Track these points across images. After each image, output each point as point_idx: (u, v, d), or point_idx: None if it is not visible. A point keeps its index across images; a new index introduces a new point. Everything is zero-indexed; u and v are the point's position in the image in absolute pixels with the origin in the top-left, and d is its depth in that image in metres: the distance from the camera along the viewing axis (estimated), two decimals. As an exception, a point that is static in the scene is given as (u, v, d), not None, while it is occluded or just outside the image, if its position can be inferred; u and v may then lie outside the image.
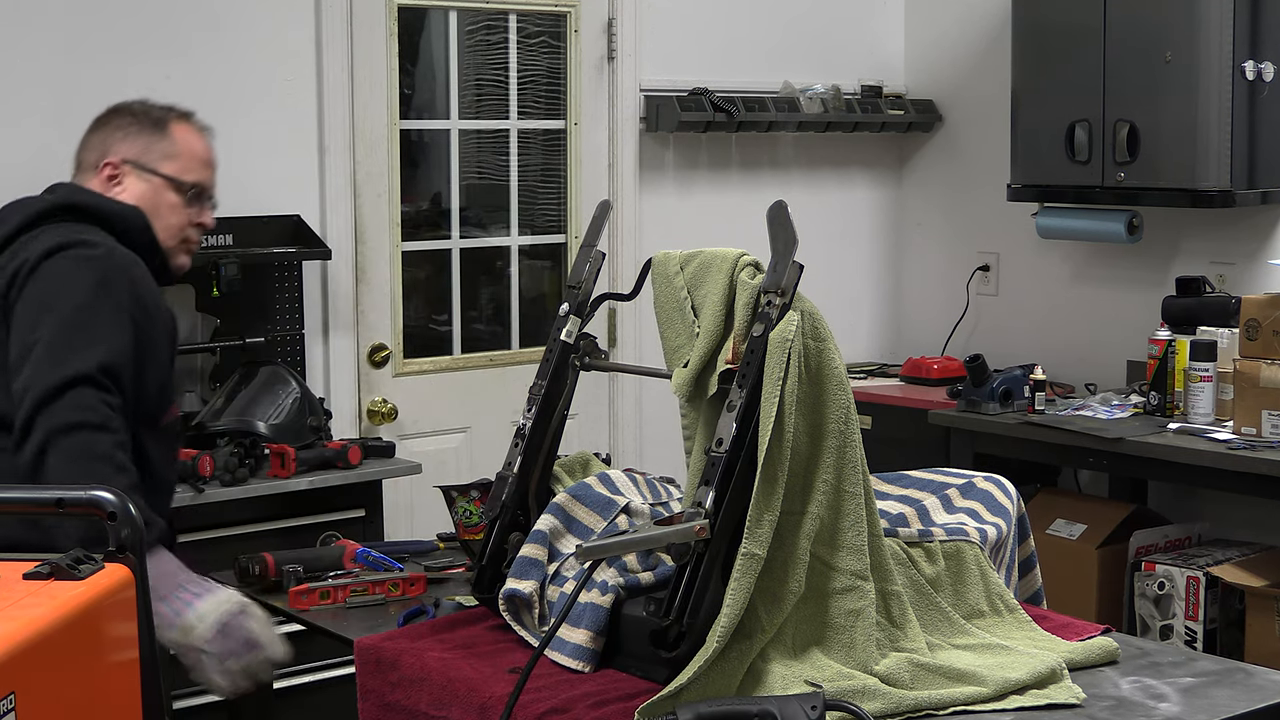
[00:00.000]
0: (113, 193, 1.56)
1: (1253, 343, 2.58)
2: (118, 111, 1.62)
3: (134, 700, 0.99)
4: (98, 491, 1.02)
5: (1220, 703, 1.33)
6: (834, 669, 1.31)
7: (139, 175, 1.57)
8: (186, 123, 1.63)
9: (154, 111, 1.61)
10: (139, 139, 1.58)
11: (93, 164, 1.58)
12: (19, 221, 1.50)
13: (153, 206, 1.56)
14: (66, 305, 1.42)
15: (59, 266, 1.44)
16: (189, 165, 1.60)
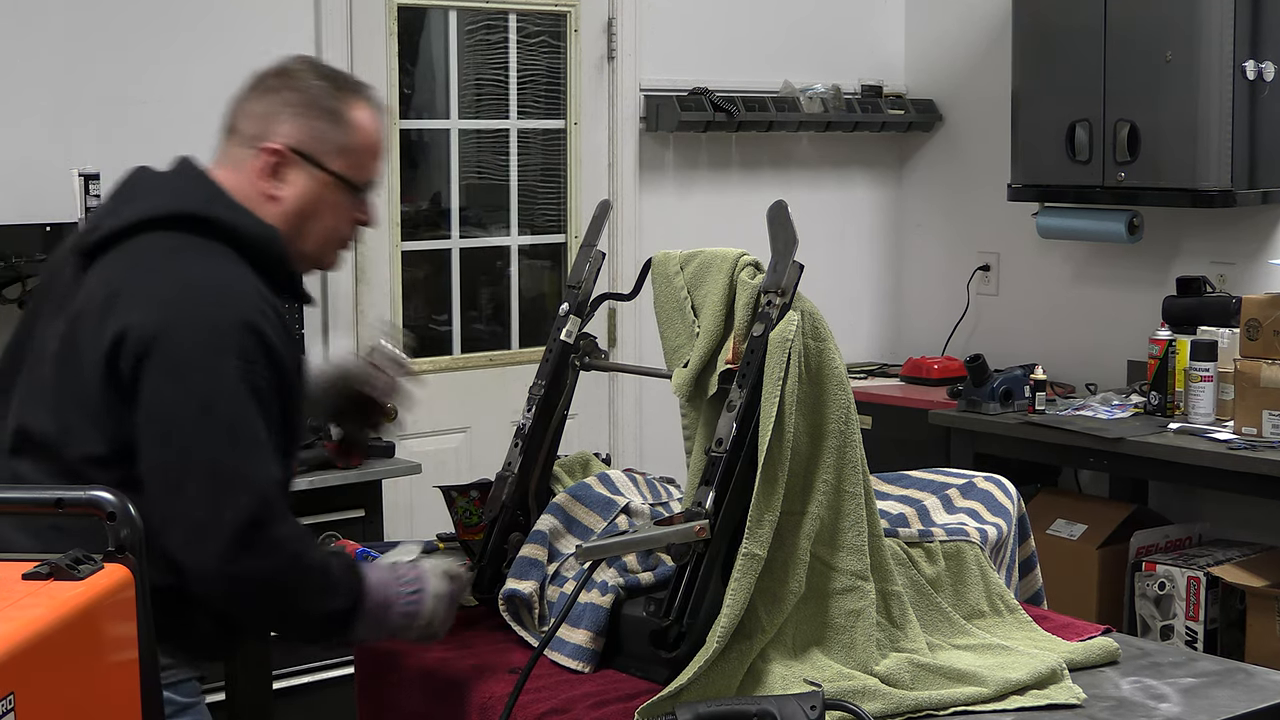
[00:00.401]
0: (268, 187, 1.31)
1: (1253, 343, 2.58)
2: (288, 76, 1.34)
3: (133, 700, 0.99)
4: (97, 491, 1.01)
5: (1221, 703, 1.33)
6: (834, 669, 1.31)
7: (305, 169, 1.32)
8: (365, 103, 1.35)
9: (330, 88, 1.33)
10: (311, 124, 1.31)
11: (249, 139, 1.32)
12: (137, 217, 1.28)
13: (314, 208, 1.32)
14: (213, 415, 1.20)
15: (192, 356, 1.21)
16: (364, 160, 1.35)
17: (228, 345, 1.22)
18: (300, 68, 1.35)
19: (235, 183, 1.32)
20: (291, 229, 1.32)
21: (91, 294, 1.26)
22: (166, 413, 1.21)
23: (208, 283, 1.25)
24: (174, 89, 2.51)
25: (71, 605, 0.91)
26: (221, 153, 1.36)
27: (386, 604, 1.29)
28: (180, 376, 1.21)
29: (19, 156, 2.34)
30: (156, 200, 1.30)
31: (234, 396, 1.21)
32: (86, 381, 1.24)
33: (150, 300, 1.24)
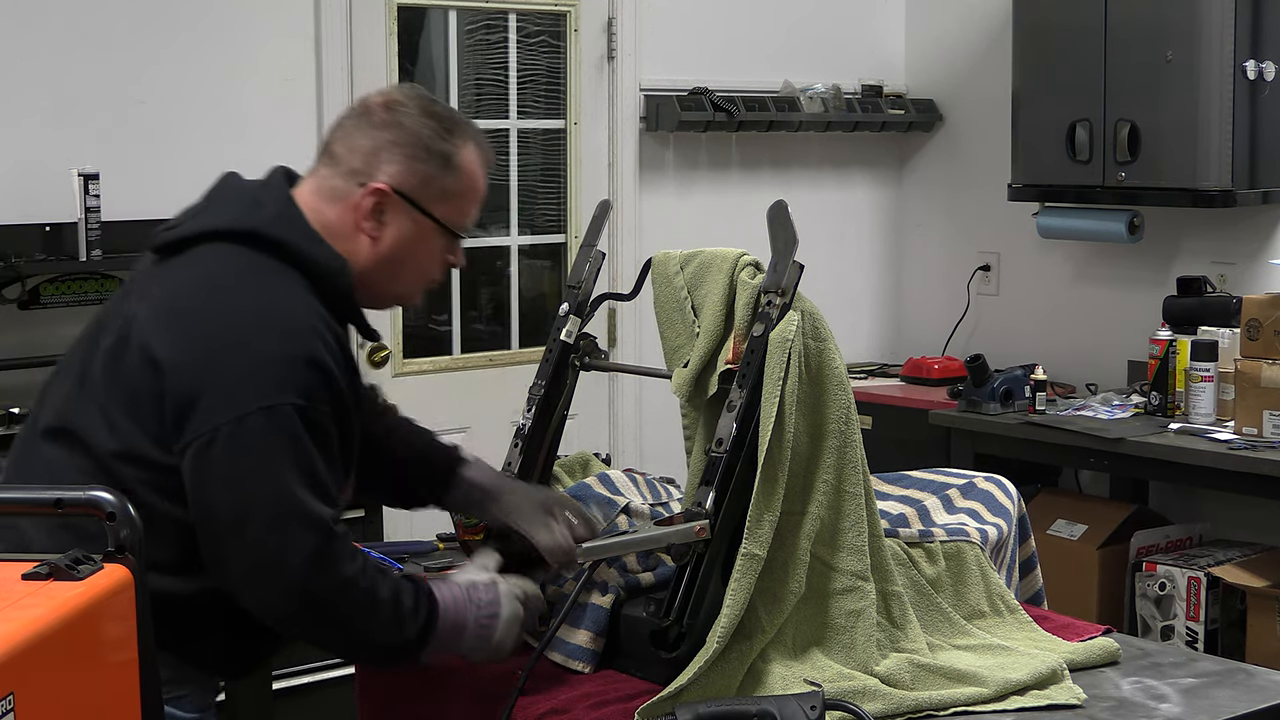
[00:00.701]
0: (369, 228, 1.27)
1: (1254, 343, 2.58)
2: (397, 110, 1.28)
3: (133, 701, 0.99)
4: (96, 491, 1.01)
5: (1221, 703, 1.33)
6: (834, 669, 1.31)
7: (407, 212, 1.27)
8: (474, 146, 1.31)
9: (440, 129, 1.28)
10: (418, 167, 1.27)
11: (352, 173, 1.28)
12: (210, 226, 1.25)
13: (410, 251, 1.29)
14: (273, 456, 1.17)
15: (251, 393, 1.16)
16: (466, 206, 1.31)
17: (288, 382, 1.18)
18: (410, 103, 1.30)
19: (328, 213, 1.28)
20: (384, 270, 1.29)
21: (151, 299, 1.24)
22: (223, 454, 1.17)
23: (271, 315, 1.21)
24: (174, 89, 2.51)
25: (71, 605, 0.91)
26: (317, 176, 1.31)
27: (460, 627, 1.26)
28: (239, 416, 1.17)
29: (18, 156, 2.34)
30: (233, 212, 1.28)
31: (293, 436, 1.18)
32: (132, 386, 1.22)
33: (209, 329, 1.20)
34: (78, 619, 0.92)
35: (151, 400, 1.21)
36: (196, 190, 2.99)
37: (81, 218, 2.27)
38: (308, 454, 1.19)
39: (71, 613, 0.91)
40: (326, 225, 1.28)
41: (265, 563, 1.18)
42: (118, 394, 1.23)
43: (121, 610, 0.97)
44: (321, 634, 1.24)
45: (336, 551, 1.20)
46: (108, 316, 1.30)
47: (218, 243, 1.26)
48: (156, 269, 1.28)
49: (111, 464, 1.21)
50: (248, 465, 1.17)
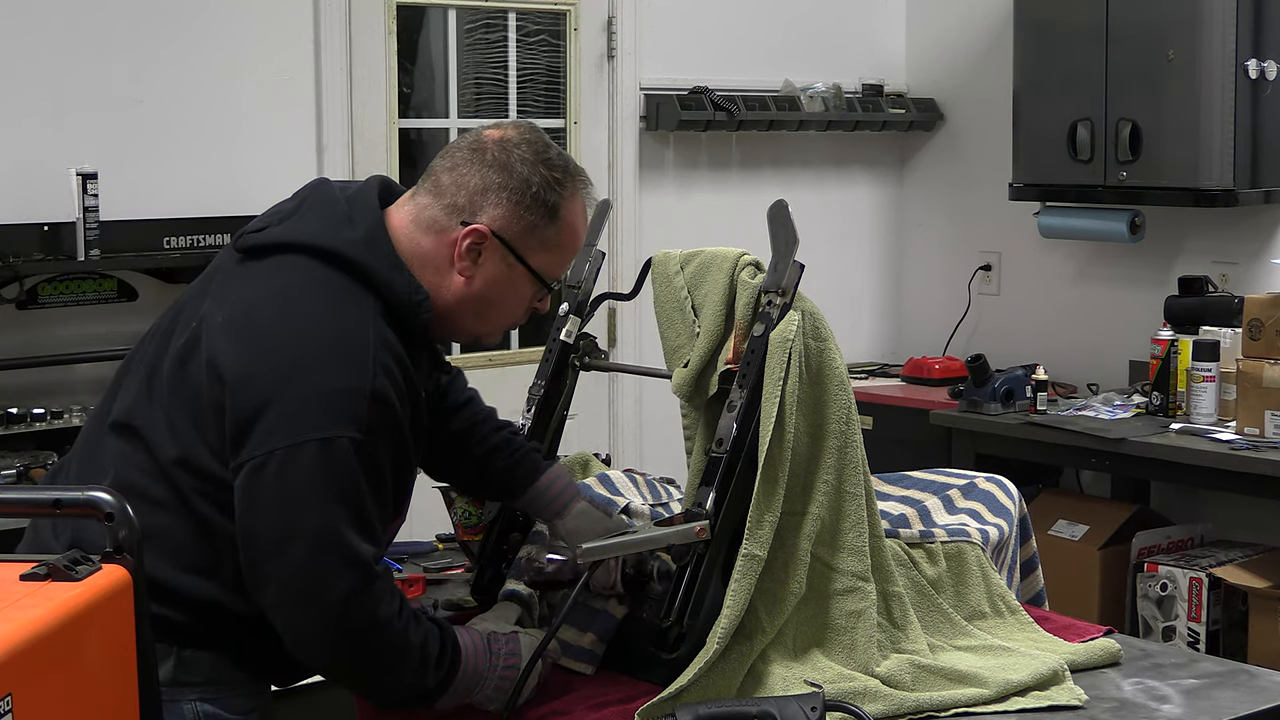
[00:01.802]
0: (463, 267, 1.24)
1: (1255, 342, 2.57)
2: (511, 152, 1.25)
3: (131, 702, 0.99)
4: (94, 492, 1.01)
5: (1223, 704, 1.32)
6: (835, 670, 1.31)
7: (503, 256, 1.25)
8: (580, 200, 1.29)
9: (551, 181, 1.25)
10: (523, 216, 1.25)
11: (454, 209, 1.25)
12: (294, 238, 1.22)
13: (500, 295, 1.27)
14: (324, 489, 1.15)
15: (308, 423, 1.14)
16: (563, 259, 1.29)
17: (348, 415, 1.16)
18: (524, 145, 1.26)
19: (423, 242, 1.26)
20: (470, 309, 1.27)
21: (226, 306, 1.22)
22: (274, 479, 1.15)
23: (340, 343, 1.18)
24: (172, 88, 2.51)
25: (69, 606, 0.91)
26: (415, 203, 1.28)
27: (478, 677, 1.25)
28: (295, 443, 1.15)
29: (17, 156, 2.33)
30: (320, 226, 1.24)
31: (347, 470, 1.16)
32: (195, 393, 1.20)
33: (276, 350, 1.18)
34: (76, 619, 0.92)
35: (213, 411, 1.19)
36: (195, 189, 2.96)
37: (80, 217, 2.27)
38: (358, 490, 1.17)
39: (70, 613, 0.91)
40: (419, 254, 1.25)
41: (302, 595, 1.17)
42: (181, 399, 1.21)
43: (120, 611, 0.97)
44: (344, 670, 1.23)
45: (376, 592, 1.18)
46: (183, 311, 1.27)
47: (299, 255, 1.23)
48: (237, 271, 1.26)
49: (170, 469, 1.21)
50: (297, 494, 1.16)
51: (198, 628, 1.22)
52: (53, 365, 2.33)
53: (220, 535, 1.21)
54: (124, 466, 1.22)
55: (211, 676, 1.23)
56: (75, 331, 2.37)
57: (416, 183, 1.30)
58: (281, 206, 1.31)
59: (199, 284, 1.30)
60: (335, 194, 1.29)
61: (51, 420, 2.26)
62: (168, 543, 1.20)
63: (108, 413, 1.28)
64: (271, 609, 1.19)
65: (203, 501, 1.20)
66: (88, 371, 2.37)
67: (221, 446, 1.19)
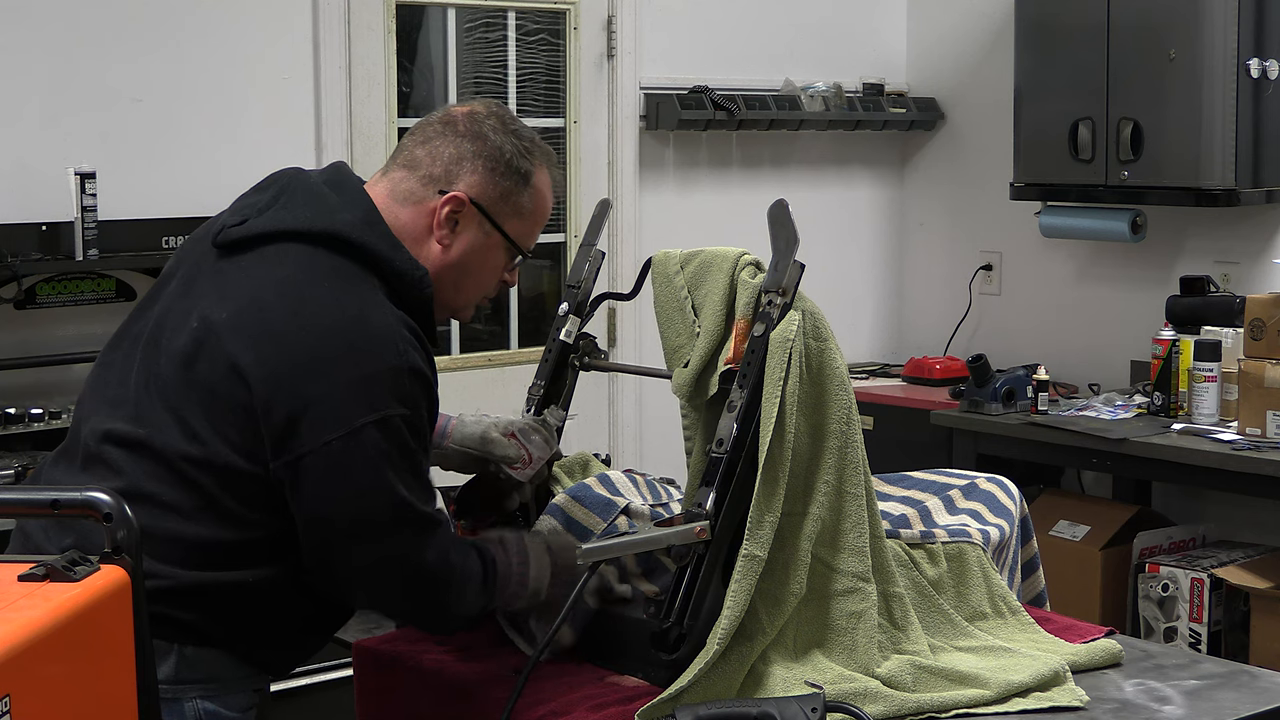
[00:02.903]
0: (441, 234, 1.27)
1: (1257, 342, 2.57)
2: (481, 123, 1.29)
3: (129, 703, 0.99)
4: (92, 492, 1.01)
5: (1225, 705, 1.32)
6: (835, 671, 1.30)
7: (479, 224, 1.28)
8: (549, 169, 1.33)
9: (522, 148, 1.29)
10: (498, 183, 1.28)
11: (430, 179, 1.28)
12: (287, 226, 1.23)
13: (475, 263, 1.30)
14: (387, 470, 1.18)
15: (354, 410, 1.16)
16: (534, 228, 1.33)
17: (394, 393, 1.18)
18: (493, 119, 1.30)
19: (401, 215, 1.28)
20: (447, 279, 1.29)
21: (230, 303, 1.22)
22: (338, 466, 1.17)
23: (366, 326, 1.19)
24: (171, 87, 2.51)
25: (68, 607, 0.91)
26: (389, 179, 1.30)
27: (507, 579, 1.30)
28: (351, 430, 1.16)
29: (15, 155, 2.33)
30: (311, 213, 1.25)
31: (403, 444, 1.19)
32: (210, 392, 1.20)
33: (304, 342, 1.18)
34: (74, 620, 0.91)
35: (236, 411, 1.19)
36: (194, 189, 2.95)
37: (78, 217, 2.27)
38: (415, 458, 1.22)
39: (68, 614, 0.91)
40: (399, 227, 1.27)
41: (386, 567, 1.22)
42: (193, 401, 1.21)
43: (118, 611, 0.97)
44: (422, 616, 1.30)
45: (446, 543, 1.24)
46: (168, 315, 1.26)
47: (295, 243, 1.23)
48: (223, 266, 1.25)
49: (186, 470, 1.20)
50: (363, 478, 1.18)
51: (204, 624, 1.22)
52: (51, 365, 2.33)
53: (246, 529, 1.21)
54: (133, 474, 1.21)
55: (212, 674, 1.24)
56: (73, 331, 2.37)
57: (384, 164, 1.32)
58: (252, 199, 1.30)
59: (178, 285, 1.28)
60: (312, 180, 1.30)
61: (49, 420, 2.26)
62: (179, 546, 1.20)
63: (87, 428, 1.26)
64: (348, 582, 1.23)
65: (227, 498, 1.20)
66: (86, 372, 2.35)
67: (249, 444, 1.19)
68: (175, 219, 2.42)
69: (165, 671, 1.20)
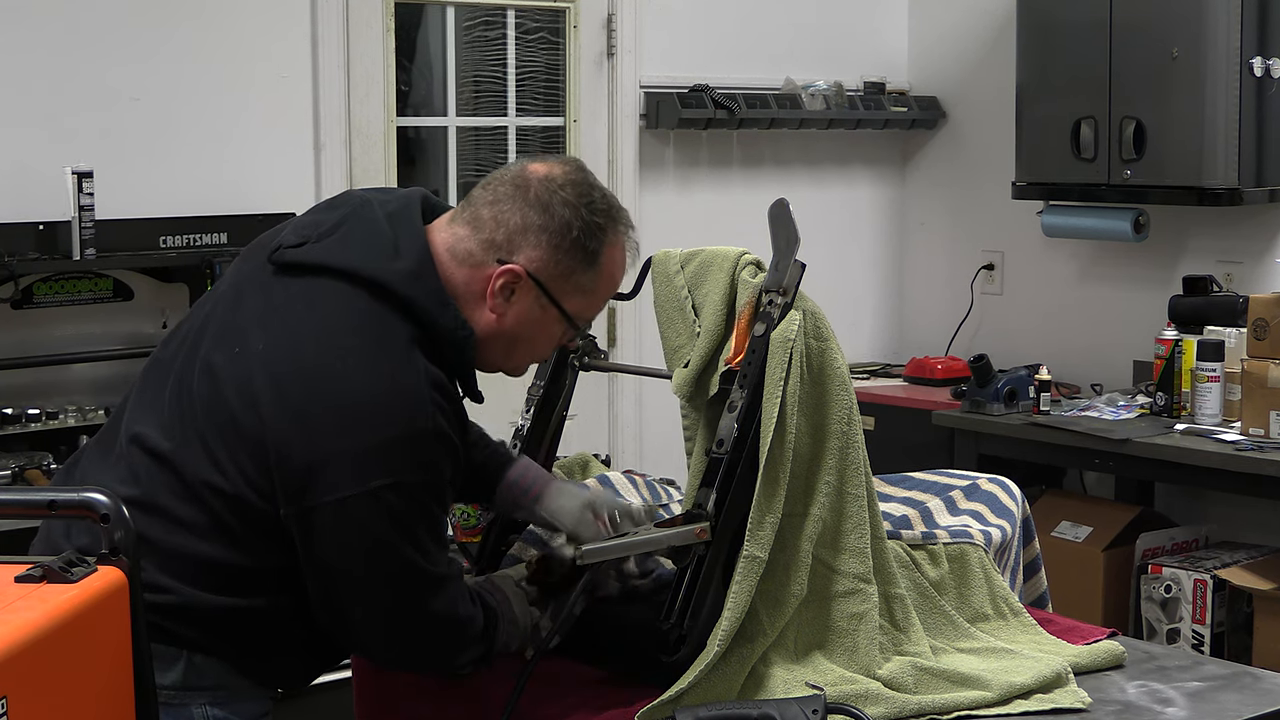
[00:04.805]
0: (496, 304, 1.24)
1: (1260, 342, 2.56)
2: (555, 193, 1.24)
3: (127, 704, 0.98)
4: (90, 493, 1.00)
5: (1228, 707, 1.32)
6: (836, 673, 1.30)
7: (537, 297, 1.24)
8: (621, 246, 1.28)
9: (594, 226, 1.24)
10: (561, 260, 1.23)
11: (492, 245, 1.23)
12: (339, 263, 1.20)
13: (530, 333, 1.26)
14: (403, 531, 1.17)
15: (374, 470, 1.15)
16: (598, 303, 1.29)
17: (416, 457, 1.17)
18: (569, 188, 1.25)
19: (457, 274, 1.24)
20: (499, 344, 1.26)
21: (267, 333, 1.20)
22: (352, 523, 1.16)
23: (397, 387, 1.17)
24: (169, 86, 2.50)
25: (65, 608, 0.92)
26: (454, 233, 1.26)
27: (500, 623, 1.29)
28: (370, 490, 1.15)
29: (12, 154, 2.32)
30: (366, 255, 1.22)
31: (423, 507, 1.18)
32: (230, 419, 1.19)
33: (331, 394, 1.16)
34: (71, 621, 0.91)
35: (251, 445, 1.18)
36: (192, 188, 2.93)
37: (75, 216, 2.26)
38: (434, 520, 1.21)
39: (65, 615, 0.91)
40: (454, 284, 1.24)
41: (389, 621, 1.21)
42: (215, 424, 1.20)
43: (116, 612, 0.97)
44: (421, 665, 1.29)
45: (454, 598, 1.24)
46: (211, 322, 1.25)
47: (343, 283, 1.20)
48: (273, 287, 1.23)
49: (202, 492, 1.20)
50: (374, 538, 1.17)
51: (210, 639, 1.22)
52: (48, 365, 2.32)
53: (256, 556, 1.21)
54: (151, 485, 1.21)
55: (221, 681, 1.23)
56: (71, 331, 2.36)
57: (456, 206, 1.29)
58: (319, 218, 1.28)
59: (230, 292, 1.27)
60: (377, 214, 1.26)
61: (47, 421, 2.25)
62: (189, 563, 1.20)
63: (125, 422, 1.26)
64: (350, 631, 1.23)
65: (240, 525, 1.20)
66: (83, 371, 2.36)
67: (262, 482, 1.19)
68: (173, 218, 2.41)
69: (173, 677, 1.20)
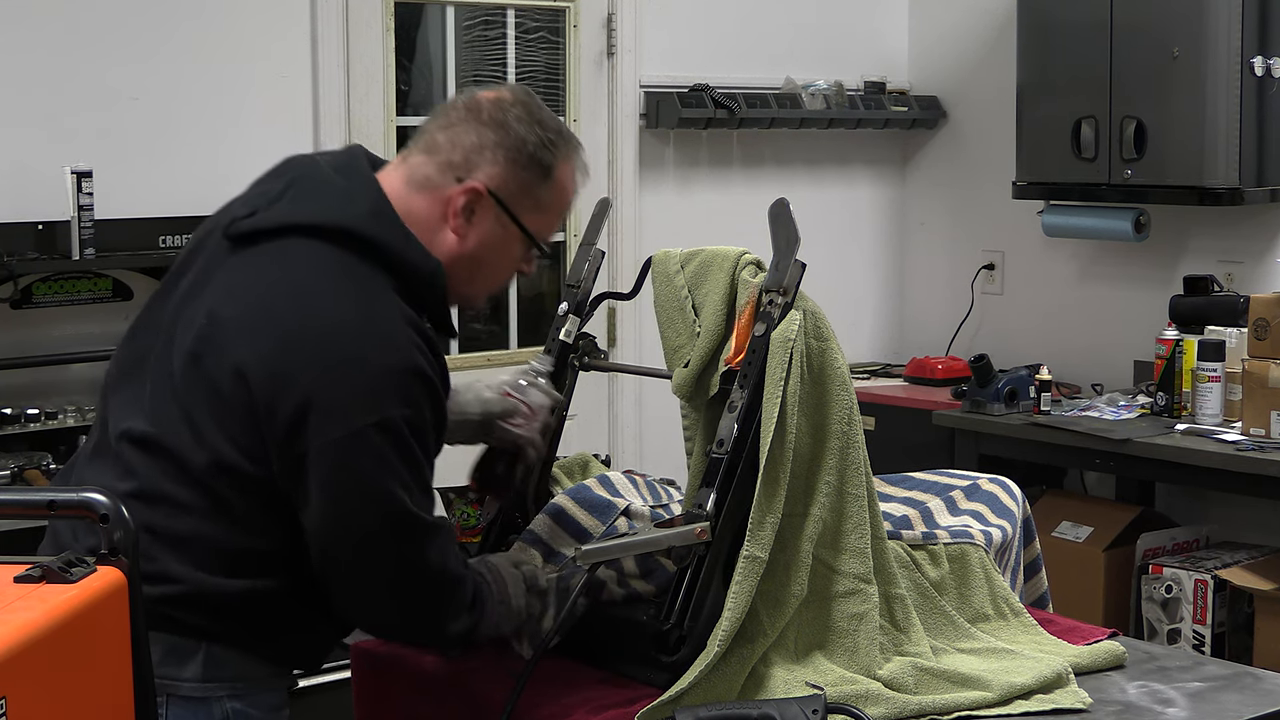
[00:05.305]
0: (457, 224, 1.24)
1: (1261, 342, 2.56)
2: (506, 111, 1.26)
3: (126, 705, 0.98)
4: (88, 493, 1.00)
5: (1229, 708, 1.32)
6: (837, 673, 1.30)
7: (496, 216, 1.25)
8: (573, 162, 1.30)
9: (546, 140, 1.27)
10: (518, 174, 1.25)
11: (450, 166, 1.24)
12: (296, 220, 1.21)
13: (490, 255, 1.27)
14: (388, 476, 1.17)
15: (356, 414, 1.15)
16: (554, 221, 1.30)
17: (396, 395, 1.17)
18: (519, 107, 1.27)
19: (415, 202, 1.25)
20: (462, 270, 1.26)
21: (238, 302, 1.20)
22: (338, 468, 1.16)
23: (372, 328, 1.18)
24: (168, 86, 2.50)
25: (64, 608, 0.91)
26: (409, 163, 1.27)
27: (491, 603, 1.28)
28: (352, 431, 1.15)
29: (11, 154, 2.32)
30: (322, 205, 1.22)
31: (405, 447, 1.18)
32: (215, 393, 1.19)
33: (308, 345, 1.17)
34: (70, 622, 0.91)
35: (239, 412, 1.18)
36: (191, 188, 2.94)
37: (75, 216, 2.26)
38: (417, 461, 1.20)
39: (64, 615, 0.91)
40: (410, 213, 1.24)
41: (385, 568, 1.20)
42: (200, 401, 1.20)
43: (115, 613, 0.97)
44: (414, 623, 1.26)
45: (447, 550, 1.23)
46: (184, 307, 1.24)
47: (304, 238, 1.21)
48: (233, 261, 1.23)
49: (201, 473, 1.20)
50: (364, 478, 1.17)
51: (225, 625, 1.21)
52: (47, 365, 2.32)
53: (258, 533, 1.20)
54: (148, 475, 1.21)
55: (240, 672, 1.23)
56: (70, 331, 2.36)
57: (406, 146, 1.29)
58: (264, 187, 1.28)
59: (194, 277, 1.26)
60: (323, 169, 1.27)
61: (46, 421, 2.25)
62: (198, 547, 1.20)
63: (111, 423, 1.25)
64: (347, 587, 1.21)
65: (241, 499, 1.20)
66: (82, 371, 2.36)
67: (253, 447, 1.18)
68: (172, 218, 2.41)
69: (193, 670, 1.19)
